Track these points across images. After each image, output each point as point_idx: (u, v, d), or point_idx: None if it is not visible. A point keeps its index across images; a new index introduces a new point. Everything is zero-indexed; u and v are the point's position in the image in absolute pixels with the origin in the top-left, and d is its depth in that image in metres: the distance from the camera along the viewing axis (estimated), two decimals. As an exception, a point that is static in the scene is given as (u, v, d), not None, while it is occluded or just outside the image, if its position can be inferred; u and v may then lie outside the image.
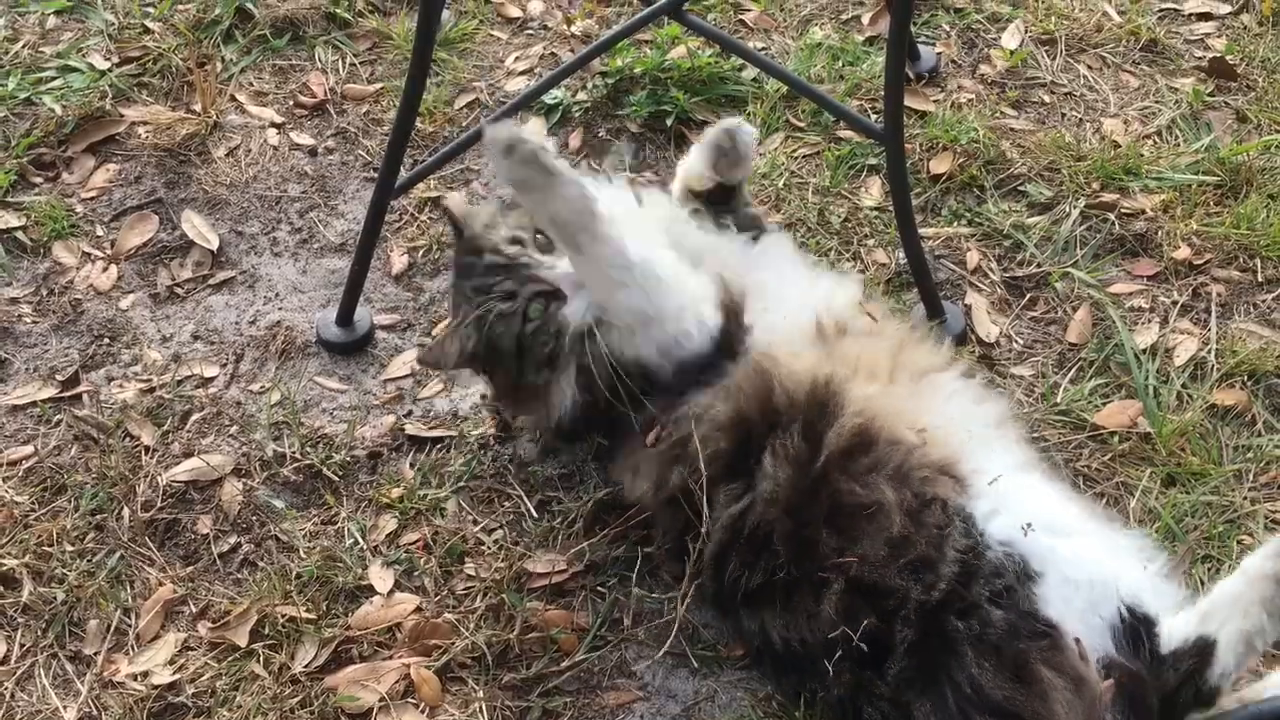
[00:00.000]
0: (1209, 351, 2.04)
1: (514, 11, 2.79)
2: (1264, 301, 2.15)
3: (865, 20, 2.69)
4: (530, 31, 2.75)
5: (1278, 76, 2.52)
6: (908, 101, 2.47)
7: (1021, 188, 2.33)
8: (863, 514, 1.50)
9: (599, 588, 1.80)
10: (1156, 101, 2.50)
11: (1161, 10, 2.74)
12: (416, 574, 1.82)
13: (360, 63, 2.65)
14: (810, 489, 1.55)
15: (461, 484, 1.94)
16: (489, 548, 1.85)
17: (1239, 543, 1.79)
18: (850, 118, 2.15)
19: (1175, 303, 2.14)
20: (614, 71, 2.53)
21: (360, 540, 1.85)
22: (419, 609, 1.76)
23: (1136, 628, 1.44)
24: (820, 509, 1.54)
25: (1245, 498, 1.86)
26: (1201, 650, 1.44)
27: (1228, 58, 2.56)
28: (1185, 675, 1.43)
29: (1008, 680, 1.37)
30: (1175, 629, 1.46)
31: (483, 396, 2.04)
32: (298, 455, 1.96)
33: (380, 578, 1.80)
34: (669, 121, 2.45)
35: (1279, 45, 2.61)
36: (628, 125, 2.49)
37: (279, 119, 2.53)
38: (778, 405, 1.61)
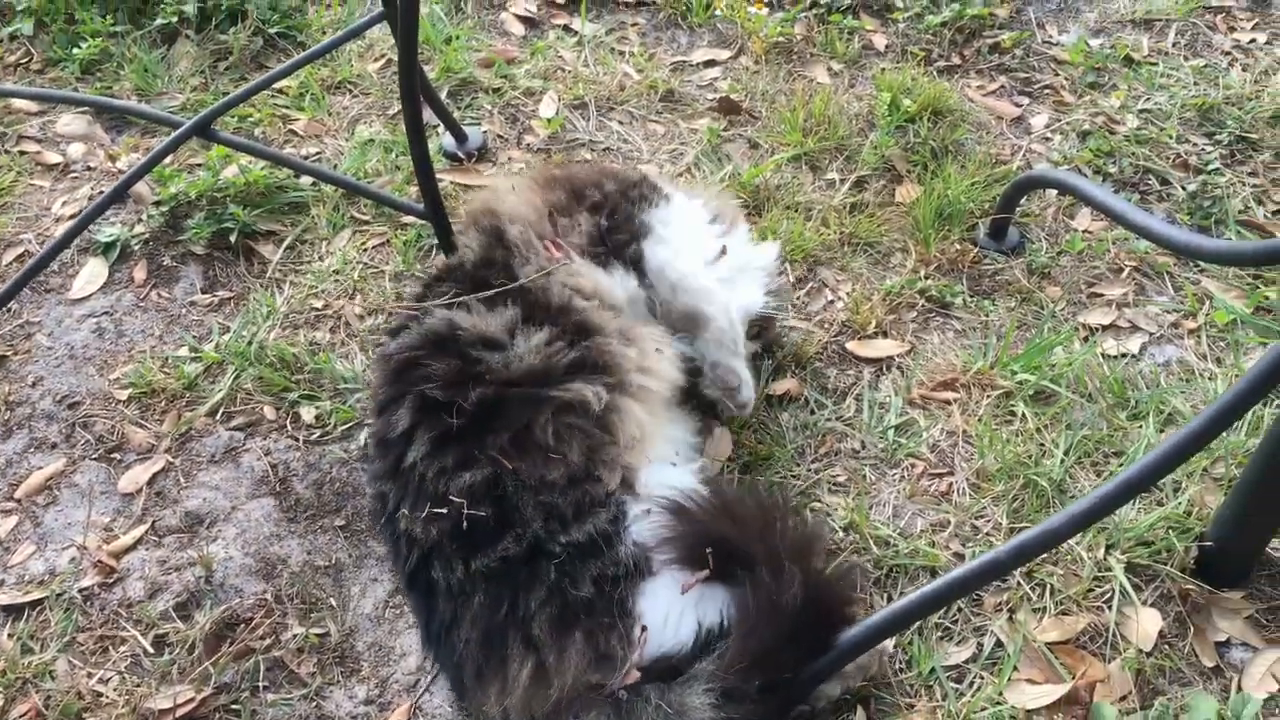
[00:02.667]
0: (761, 348, 2.32)
1: (53, 158, 2.76)
2: (798, 299, 2.47)
3: (410, 112, 2.87)
4: (75, 174, 2.73)
5: (776, 105, 2.91)
6: (463, 179, 2.68)
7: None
8: (545, 451, 1.66)
9: (232, 706, 1.81)
10: (681, 143, 2.83)
11: (673, 63, 3.11)
12: (30, 745, 1.75)
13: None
14: (532, 399, 1.70)
15: (68, 640, 1.89)
16: (108, 698, 1.81)
17: (811, 510, 2.05)
18: (393, 203, 2.31)
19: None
20: (168, 199, 2.56)
21: (-40, 728, 1.76)
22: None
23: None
24: (523, 417, 1.68)
25: (809, 469, 2.14)
26: None
27: (733, 96, 2.94)
28: None
29: (552, 632, 1.54)
30: None
31: (81, 548, 2.00)
32: None
33: (-10, 760, 1.72)
34: (233, 238, 2.50)
35: (773, 79, 3.02)
36: (192, 249, 2.52)
37: None
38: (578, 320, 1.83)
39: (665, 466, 1.77)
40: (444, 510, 1.62)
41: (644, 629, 1.55)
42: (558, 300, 1.85)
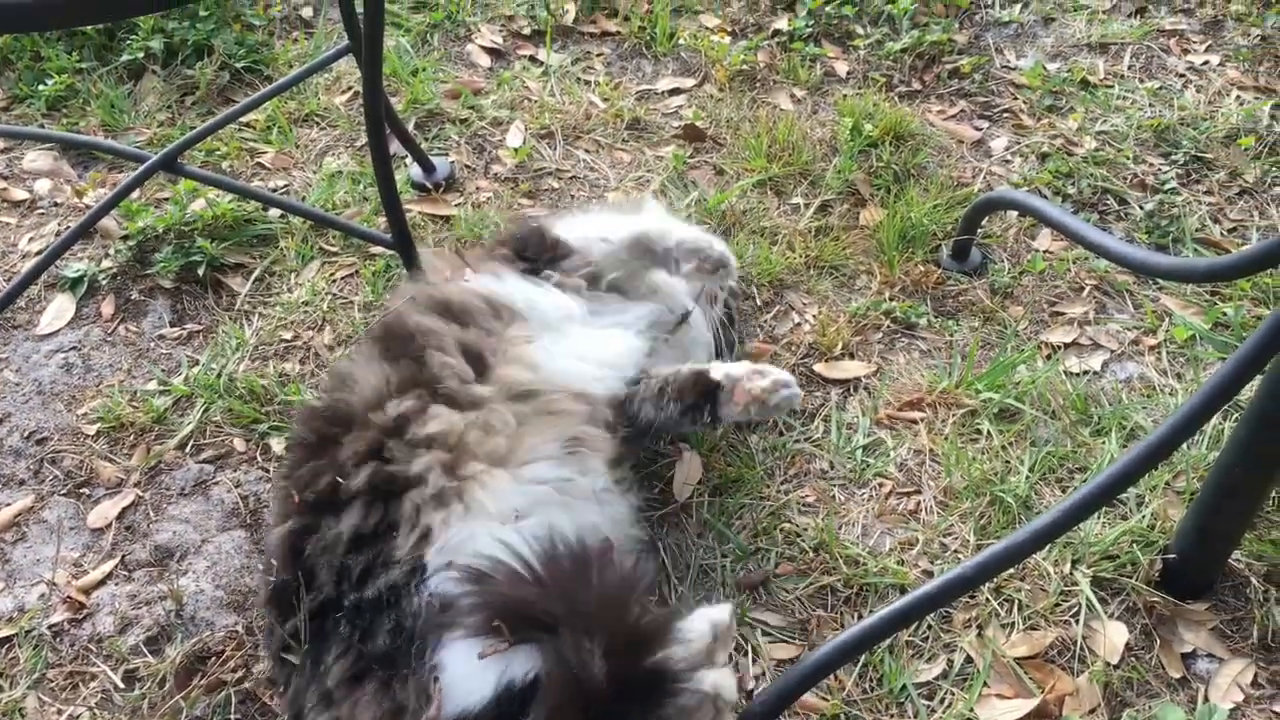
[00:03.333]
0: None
1: (19, 194, 2.76)
2: (766, 322, 2.50)
3: (378, 143, 2.89)
4: (41, 210, 2.73)
5: (741, 131, 2.95)
6: (431, 210, 2.70)
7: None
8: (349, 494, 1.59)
9: (204, 739, 1.80)
10: (648, 170, 2.87)
11: (638, 92, 3.14)
12: (-1, 784, 1.74)
13: None
14: (364, 441, 1.65)
15: (38, 677, 1.88)
16: (79, 734, 1.80)
17: (781, 531, 2.06)
18: (361, 234, 2.33)
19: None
20: (135, 234, 2.56)
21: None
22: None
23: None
24: (348, 460, 1.63)
25: (779, 491, 2.15)
26: None
27: (698, 123, 2.98)
28: None
29: (345, 686, 1.45)
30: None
31: (50, 584, 1.99)
32: None
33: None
34: (201, 271, 2.51)
35: (738, 106, 3.06)
36: (160, 283, 2.52)
37: None
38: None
39: (487, 525, 1.55)
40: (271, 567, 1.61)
41: (437, 680, 1.41)
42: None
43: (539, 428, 1.76)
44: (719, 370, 1.92)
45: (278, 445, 2.18)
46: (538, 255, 2.00)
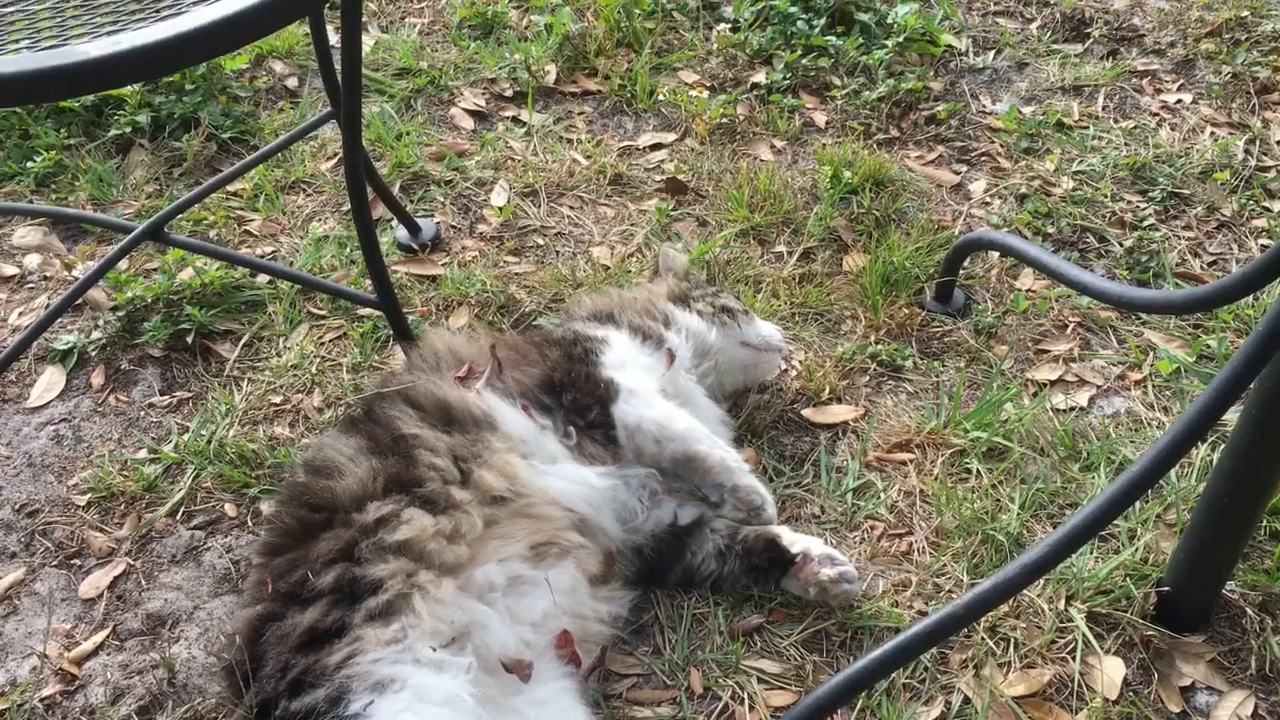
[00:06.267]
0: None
1: (9, 270, 2.78)
2: (753, 368, 2.50)
3: (364, 207, 2.92)
4: (31, 285, 2.75)
5: (722, 183, 2.99)
6: (417, 270, 2.73)
7: (535, 323, 2.60)
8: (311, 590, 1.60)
9: (198, 808, 1.78)
10: (631, 224, 2.90)
11: (620, 148, 3.18)
12: None
13: None
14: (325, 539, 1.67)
15: (29, 752, 1.86)
16: (71, 808, 1.78)
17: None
18: (347, 295, 2.35)
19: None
20: (124, 304, 2.58)
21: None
22: None
23: None
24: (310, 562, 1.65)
25: (771, 535, 2.14)
26: None
27: (679, 176, 3.02)
28: None
29: None
30: None
31: (42, 656, 1.98)
32: None
33: None
34: (190, 339, 2.52)
35: (718, 159, 3.10)
36: (150, 351, 2.53)
37: None
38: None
39: (400, 653, 1.52)
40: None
41: None
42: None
43: (508, 530, 1.78)
44: (797, 543, 1.98)
45: (269, 509, 2.17)
46: (578, 406, 1.98)
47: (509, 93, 3.40)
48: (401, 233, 2.82)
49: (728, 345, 2.27)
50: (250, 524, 2.18)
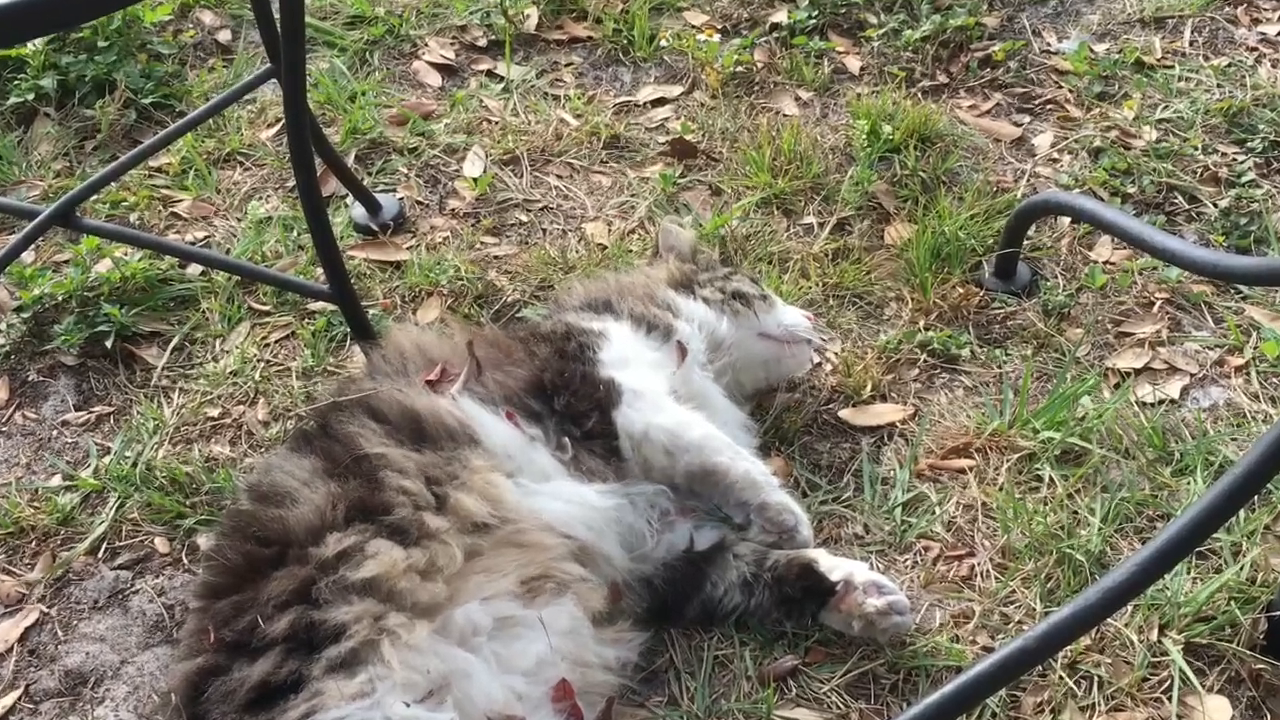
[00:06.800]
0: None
1: (-107, 266, 2.78)
2: (780, 363, 2.50)
3: (313, 182, 2.92)
4: (-80, 283, 2.76)
5: (739, 144, 2.99)
6: (378, 255, 2.73)
7: (519, 315, 2.60)
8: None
9: None
10: (631, 195, 2.90)
11: (616, 105, 3.19)
12: None
13: None
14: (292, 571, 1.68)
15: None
16: None
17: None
18: (295, 286, 2.36)
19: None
20: (30, 303, 2.59)
21: None
22: None
23: None
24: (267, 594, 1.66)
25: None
26: None
27: (687, 137, 3.02)
28: None
29: None
30: None
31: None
32: None
33: None
34: (110, 343, 2.53)
35: (733, 114, 3.10)
36: (62, 359, 2.54)
37: None
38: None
39: (381, 708, 1.55)
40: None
41: None
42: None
43: (494, 562, 1.78)
44: (837, 568, 1.96)
45: (207, 543, 2.18)
46: (573, 412, 1.98)
47: (482, 42, 3.41)
48: (358, 211, 2.82)
49: (744, 338, 2.26)
50: (186, 562, 2.18)
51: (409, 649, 1.62)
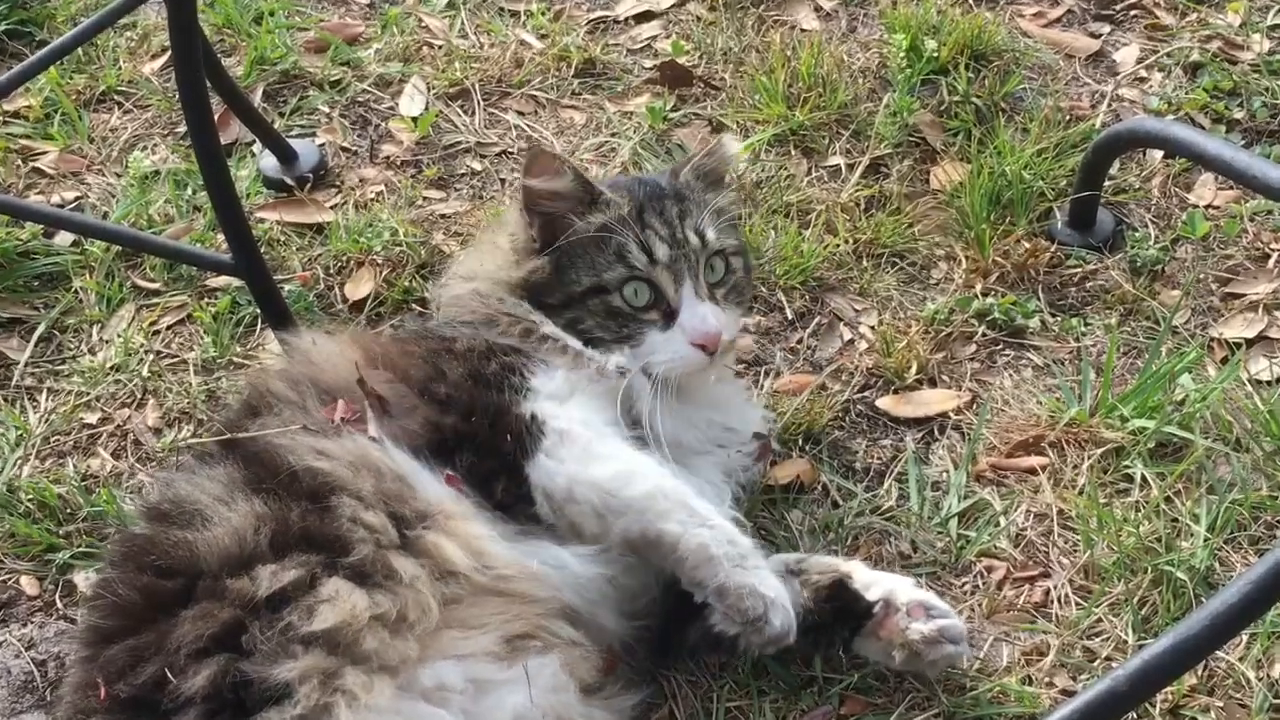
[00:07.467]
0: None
1: None
2: (802, 342, 2.50)
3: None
4: None
5: (745, 67, 2.98)
6: (296, 217, 2.72)
7: (421, 313, 2.54)
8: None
9: None
10: (612, 134, 2.89)
11: (591, 22, 3.17)
12: None
13: None
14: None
15: None
16: None
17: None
18: (191, 258, 2.35)
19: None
20: None
21: None
22: None
23: None
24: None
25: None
26: None
27: (680, 60, 3.01)
28: None
29: None
30: None
31: None
32: None
33: None
34: (-43, 333, 2.52)
35: (737, 30, 3.09)
36: (-106, 355, 2.53)
37: None
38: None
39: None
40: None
41: None
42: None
43: (473, 613, 1.76)
44: (875, 585, 1.93)
45: (85, 581, 2.17)
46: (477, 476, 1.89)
47: (420, -55, 3.39)
48: (269, 161, 2.80)
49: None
50: (61, 606, 2.17)
51: (368, 711, 1.60)
